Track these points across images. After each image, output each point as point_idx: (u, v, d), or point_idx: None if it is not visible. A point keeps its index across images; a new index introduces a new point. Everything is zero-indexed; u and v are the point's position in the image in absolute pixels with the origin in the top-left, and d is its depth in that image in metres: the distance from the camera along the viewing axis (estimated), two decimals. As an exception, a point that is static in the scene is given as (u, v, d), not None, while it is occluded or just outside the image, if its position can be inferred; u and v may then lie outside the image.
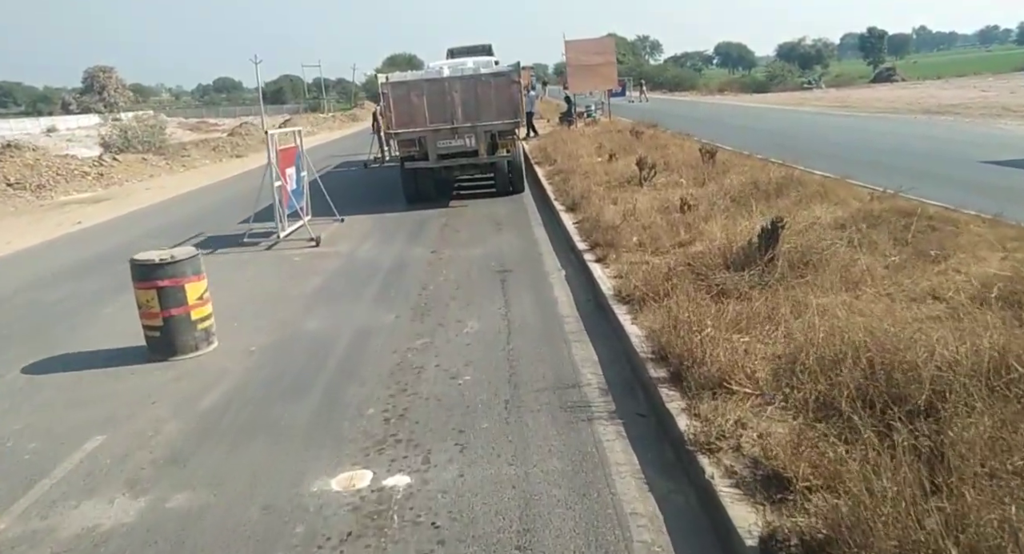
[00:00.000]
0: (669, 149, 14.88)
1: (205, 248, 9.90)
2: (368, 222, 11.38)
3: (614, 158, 13.29)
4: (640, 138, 16.59)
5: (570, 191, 10.90)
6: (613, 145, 15.82)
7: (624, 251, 7.12)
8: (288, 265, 8.74)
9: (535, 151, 17.76)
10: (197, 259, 5.68)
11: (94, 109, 78.32)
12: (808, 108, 30.81)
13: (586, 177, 11.90)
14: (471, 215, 11.28)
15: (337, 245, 9.70)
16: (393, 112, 11.66)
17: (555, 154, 15.73)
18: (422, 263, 8.36)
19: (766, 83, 65.56)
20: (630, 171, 11.74)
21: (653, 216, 8.21)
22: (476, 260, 8.28)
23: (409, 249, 9.21)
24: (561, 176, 12.77)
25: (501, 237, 9.49)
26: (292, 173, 10.50)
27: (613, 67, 22.74)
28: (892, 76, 60.49)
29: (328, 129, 43.26)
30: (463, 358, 5.24)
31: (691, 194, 9.22)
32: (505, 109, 11.73)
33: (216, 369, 5.40)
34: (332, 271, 8.25)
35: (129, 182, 19.48)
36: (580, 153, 15.12)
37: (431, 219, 11.15)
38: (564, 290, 6.81)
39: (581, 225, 8.80)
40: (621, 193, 10.19)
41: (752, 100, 45.94)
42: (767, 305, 4.77)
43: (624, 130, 19.45)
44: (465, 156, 12.03)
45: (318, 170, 19.59)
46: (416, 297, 6.92)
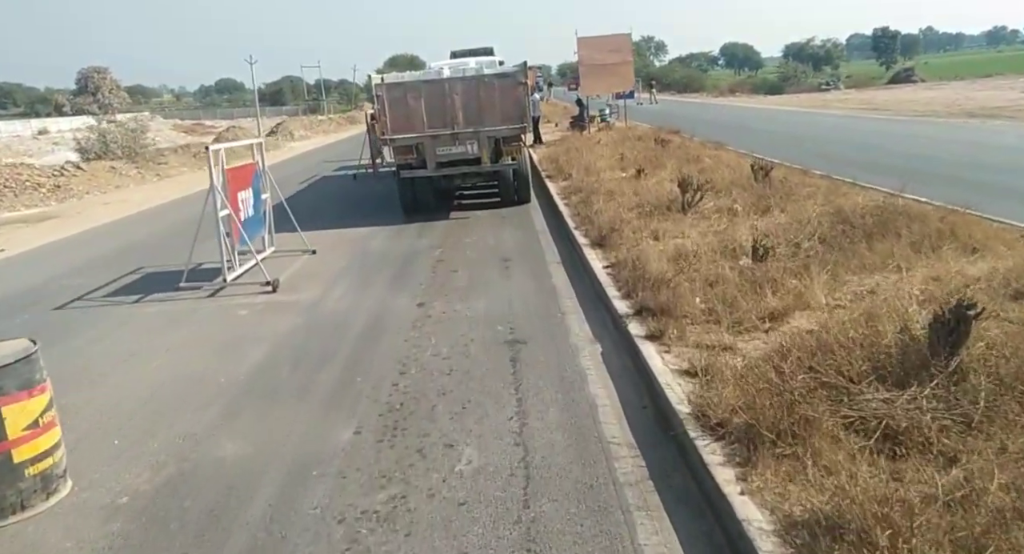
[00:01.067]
0: (704, 161, 12.76)
1: (133, 294, 7.82)
2: (346, 254, 9.27)
3: (643, 174, 11.14)
4: (667, 147, 14.46)
5: (594, 218, 8.77)
6: (637, 156, 13.72)
7: (687, 322, 4.99)
8: (228, 325, 6.61)
9: (545, 162, 15.64)
10: (31, 363, 3.56)
11: (87, 111, 76.31)
12: (835, 111, 28.64)
13: (611, 198, 9.78)
14: (472, 247, 9.15)
15: (299, 291, 7.58)
16: (388, 116, 10.59)
17: (569, 166, 13.61)
18: (404, 325, 6.24)
19: (779, 84, 63.32)
20: (666, 192, 9.64)
21: (717, 263, 6.08)
22: (477, 321, 6.16)
23: (390, 298, 7.10)
24: (580, 196, 10.64)
25: (509, 283, 7.35)
26: (247, 197, 8.39)
27: (630, 67, 20.60)
28: (911, 77, 58.22)
29: (323, 132, 41.16)
30: (449, 535, 3.14)
31: (756, 228, 7.09)
32: (510, 113, 10.64)
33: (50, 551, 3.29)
34: (281, 337, 6.13)
35: (91, 195, 17.42)
36: (599, 165, 13.01)
37: (422, 253, 9.02)
38: (604, 383, 4.68)
39: (616, 272, 6.66)
40: (661, 223, 8.06)
41: (769, 102, 43.71)
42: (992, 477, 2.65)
43: (645, 137, 17.33)
44: (466, 164, 10.98)
45: (301, 182, 17.67)
46: (389, 394, 4.79)
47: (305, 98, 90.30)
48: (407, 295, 7.16)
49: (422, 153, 10.84)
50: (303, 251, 9.37)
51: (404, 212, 11.53)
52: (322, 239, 10.19)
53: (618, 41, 20.07)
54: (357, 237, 10.32)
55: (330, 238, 10.32)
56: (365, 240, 10.09)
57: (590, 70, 19.87)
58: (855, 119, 23.98)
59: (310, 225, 11.20)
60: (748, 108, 36.69)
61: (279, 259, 9.10)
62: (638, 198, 9.70)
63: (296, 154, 26.97)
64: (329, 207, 13.31)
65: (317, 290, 7.59)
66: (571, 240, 8.65)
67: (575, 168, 13.23)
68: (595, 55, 19.82)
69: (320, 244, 9.79)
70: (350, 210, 12.74)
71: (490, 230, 10.12)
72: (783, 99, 46.64)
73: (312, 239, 9.87)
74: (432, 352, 5.51)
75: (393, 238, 10.15)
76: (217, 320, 6.76)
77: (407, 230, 10.60)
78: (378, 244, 9.78)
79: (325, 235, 10.50)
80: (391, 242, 9.86)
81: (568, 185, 12.05)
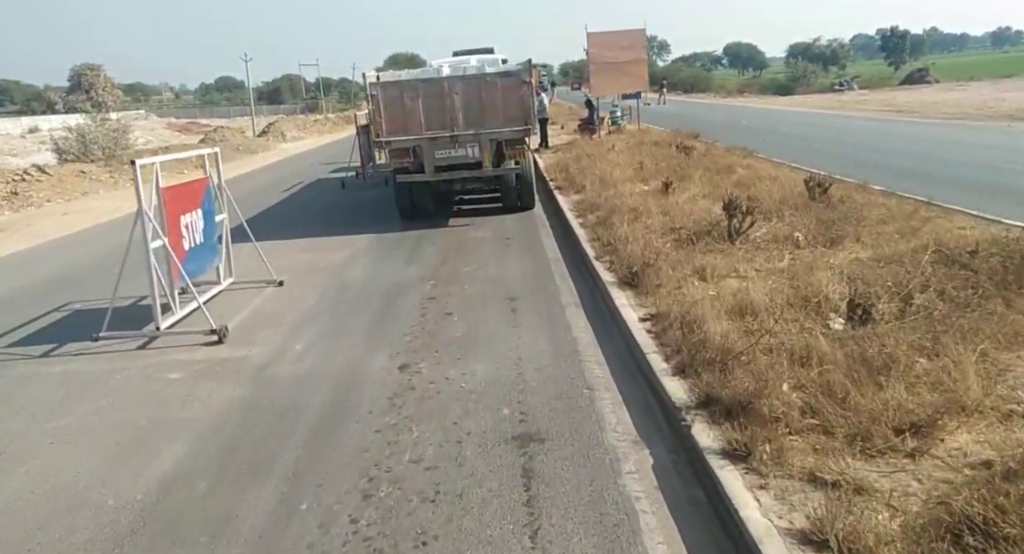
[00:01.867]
0: (736, 172, 11.20)
1: (44, 342, 6.26)
2: (318, 287, 7.69)
3: (671, 188, 9.56)
4: (690, 155, 12.87)
5: (618, 246, 7.20)
6: (658, 165, 12.14)
7: (782, 429, 3.40)
8: (146, 399, 5.02)
9: (553, 170, 14.06)
10: None
11: (80, 108, 74.75)
12: (858, 113, 27.05)
13: (636, 219, 8.22)
14: (471, 279, 7.56)
15: (251, 342, 6.00)
16: (383, 117, 9.98)
17: (581, 176, 12.03)
18: (379, 402, 4.67)
19: (788, 85, 61.68)
20: (702, 212, 8.10)
21: (798, 322, 4.50)
22: (476, 398, 4.59)
23: (365, 355, 5.52)
24: (597, 215, 9.07)
25: (517, 334, 5.77)
26: (194, 221, 6.81)
27: (643, 65, 19.03)
28: (924, 77, 56.61)
29: (318, 132, 39.51)
30: None
31: (835, 268, 5.52)
32: (514, 114, 10.01)
33: None
34: (211, 423, 4.53)
35: (52, 203, 15.86)
36: (616, 176, 11.43)
37: (411, 287, 7.42)
38: (669, 536, 3.09)
39: (658, 329, 5.07)
40: (705, 255, 6.48)
41: (781, 103, 42.08)
42: None
43: (662, 142, 15.74)
44: (467, 168, 10.33)
45: (284, 190, 16.06)
46: (343, 542, 3.22)
47: (303, 97, 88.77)
48: (386, 350, 5.59)
49: (419, 156, 10.19)
50: (268, 282, 7.80)
51: (401, 218, 10.86)
52: (294, 265, 8.64)
53: (631, 37, 18.50)
54: (336, 263, 8.74)
55: (304, 263, 8.75)
56: (344, 267, 8.51)
57: (601, 69, 18.29)
58: (884, 122, 22.36)
59: (283, 246, 9.70)
60: (763, 109, 35.00)
61: (238, 293, 7.54)
62: (669, 219, 8.14)
63: (285, 157, 25.40)
64: (308, 223, 11.73)
65: (274, 341, 6.01)
66: (591, 273, 7.07)
67: (588, 179, 11.65)
68: (606, 52, 18.25)
69: (291, 271, 8.23)
70: (332, 227, 11.15)
71: (492, 256, 8.54)
72: (795, 100, 45.02)
73: (283, 265, 8.32)
74: (412, 455, 3.93)
75: (377, 264, 8.58)
76: (135, 390, 5.17)
77: (395, 254, 9.03)
78: (359, 273, 8.20)
79: (299, 260, 8.95)
80: (375, 270, 8.29)
81: (582, 200, 10.46)
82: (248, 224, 8.21)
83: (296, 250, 9.61)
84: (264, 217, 12.52)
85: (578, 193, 11.21)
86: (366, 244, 9.74)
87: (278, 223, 11.82)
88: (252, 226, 11.59)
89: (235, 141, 27.17)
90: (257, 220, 12.18)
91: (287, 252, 9.49)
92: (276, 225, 11.59)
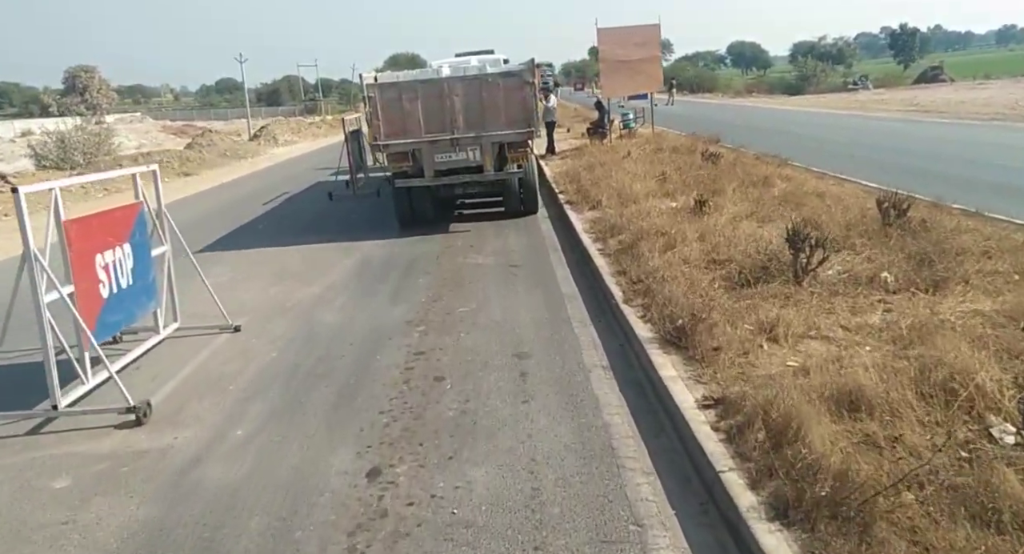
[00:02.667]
0: (774, 184, 9.76)
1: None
2: (281, 337, 6.23)
3: (707, 206, 8.10)
4: (718, 164, 11.41)
5: (651, 284, 5.76)
6: (684, 177, 10.70)
7: None
8: (8, 528, 3.60)
9: (563, 180, 12.62)
10: None
11: (75, 111, 73.46)
12: (882, 114, 25.54)
13: (670, 248, 6.78)
14: (469, 325, 6.10)
15: (180, 424, 4.57)
16: (381, 119, 9.64)
17: (595, 189, 10.59)
18: (335, 538, 3.25)
19: (798, 84, 60.12)
20: (745, 237, 6.70)
21: (950, 434, 3.06)
22: (474, 533, 3.17)
23: (326, 449, 4.09)
24: (619, 240, 7.63)
25: (529, 415, 4.31)
26: (119, 259, 5.38)
27: (658, 63, 17.58)
28: (938, 76, 55.00)
29: (312, 136, 37.99)
30: None
31: (951, 325, 4.08)
32: (516, 116, 9.67)
33: None
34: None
35: (5, 218, 14.41)
36: (636, 190, 9.98)
37: (393, 336, 5.97)
38: None
39: (732, 432, 3.57)
40: (770, 305, 5.03)
41: (794, 103, 40.51)
42: None
43: (682, 148, 14.28)
44: (468, 172, 10.02)
45: (266, 203, 14.17)
46: None
47: (302, 98, 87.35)
48: (353, 443, 4.16)
49: (419, 160, 9.82)
50: (222, 328, 6.37)
51: (400, 224, 10.51)
52: (259, 302, 7.23)
53: (645, 33, 17.03)
54: (308, 299, 7.30)
55: (270, 301, 7.33)
56: (317, 305, 7.08)
57: (612, 68, 16.83)
58: (915, 124, 20.82)
59: (250, 274, 8.32)
60: (779, 110, 33.40)
61: (182, 343, 6.12)
62: (709, 247, 6.69)
63: (275, 163, 23.96)
64: (284, 244, 10.29)
65: (210, 421, 4.57)
66: (620, 322, 5.62)
67: (604, 192, 10.22)
68: (618, 50, 16.78)
69: (253, 312, 6.83)
70: (311, 251, 9.72)
71: (495, 291, 7.09)
72: (808, 100, 43.44)
73: (245, 301, 6.99)
74: None
75: (357, 301, 7.14)
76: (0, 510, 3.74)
77: (379, 288, 7.58)
78: (333, 315, 6.75)
79: (265, 296, 7.53)
80: (353, 310, 6.85)
81: (599, 219, 9.01)
82: (218, 245, 6.80)
83: (265, 280, 8.19)
84: (236, 236, 11.11)
85: (593, 209, 9.77)
86: (347, 272, 8.32)
87: (250, 244, 10.40)
88: (221, 247, 10.29)
89: (223, 145, 25.73)
90: (228, 240, 10.78)
91: (254, 282, 8.09)
92: (247, 247, 10.18)
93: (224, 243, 10.52)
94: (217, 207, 14.54)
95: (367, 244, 9.69)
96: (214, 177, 20.42)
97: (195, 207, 14.61)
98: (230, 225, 12.03)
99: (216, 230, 11.62)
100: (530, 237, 9.46)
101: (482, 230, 10.04)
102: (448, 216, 11.19)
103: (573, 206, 10.30)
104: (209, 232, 11.55)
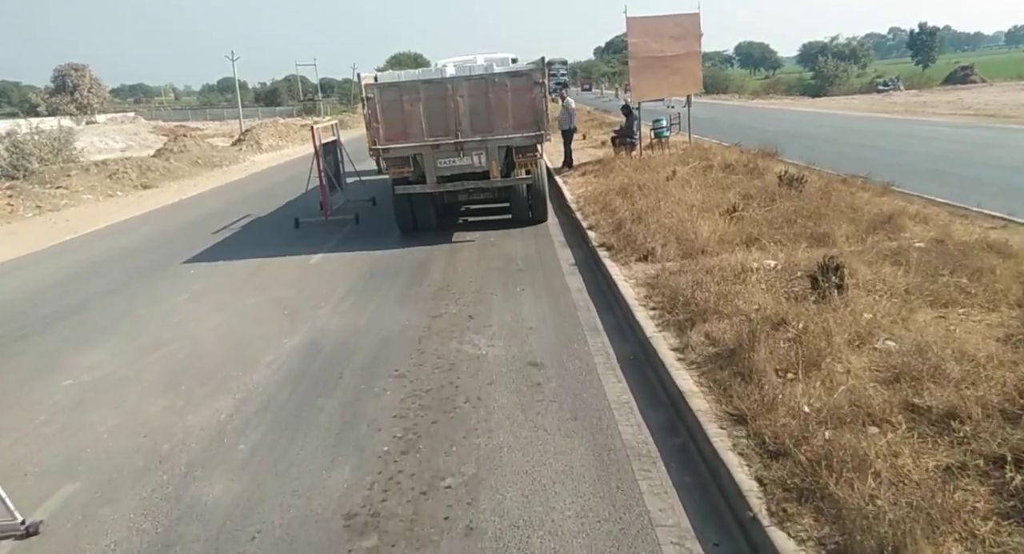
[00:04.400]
0: (905, 228, 6.88)
1: None
2: (114, 548, 3.39)
3: (837, 276, 5.18)
4: (801, 191, 8.51)
5: (818, 473, 2.90)
6: (764, 212, 7.82)
7: None
8: None
9: (590, 207, 9.79)
10: None
11: (64, 111, 70.81)
12: (938, 118, 22.56)
13: (812, 365, 3.90)
14: (464, 541, 3.29)
15: None
16: (381, 122, 9.09)
17: (641, 227, 7.73)
18: None
19: (819, 85, 57.05)
20: (938, 340, 3.74)
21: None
22: None
23: None
24: (705, 334, 4.74)
25: None
26: None
27: (698, 60, 14.69)
28: (969, 76, 51.97)
29: (301, 140, 34.70)
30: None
31: None
32: (525, 119, 9.08)
33: None
34: None
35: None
36: (700, 230, 7.11)
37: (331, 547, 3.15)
38: None
39: None
40: None
41: (826, 106, 37.38)
42: None
43: (737, 165, 11.40)
44: (473, 178, 9.48)
45: (216, 231, 10.97)
46: None
47: (300, 99, 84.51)
48: None
49: (421, 166, 9.34)
50: (6, 530, 3.51)
51: (402, 231, 10.13)
52: (109, 444, 4.43)
53: (683, 24, 14.15)
54: (194, 440, 4.45)
55: (131, 439, 4.50)
56: (207, 458, 4.23)
57: (644, 65, 13.92)
58: (993, 130, 17.82)
59: (124, 377, 5.47)
60: (812, 113, 30.25)
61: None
62: (880, 365, 3.83)
63: (250, 174, 21.01)
64: (205, 312, 7.42)
65: None
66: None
67: (654, 233, 7.36)
68: (651, 44, 13.90)
69: (88, 474, 4.04)
70: (239, 323, 6.88)
71: (512, 442, 4.24)
72: (838, 103, 40.35)
73: (85, 443, 4.16)
74: None
75: (277, 448, 4.28)
76: None
77: (317, 417, 4.72)
78: (229, 486, 3.90)
79: (131, 423, 4.70)
80: (265, 476, 3.99)
81: (657, 283, 6.12)
82: (107, 308, 4.17)
83: (148, 383, 5.38)
84: (144, 292, 8.26)
85: (644, 261, 6.90)
86: (281, 370, 5.47)
87: (155, 307, 7.57)
88: (111, 313, 7.46)
89: (197, 152, 22.89)
90: (126, 299, 7.82)
91: (127, 390, 5.30)
92: (148, 315, 7.34)
93: (117, 307, 7.69)
94: (151, 237, 11.71)
95: (323, 312, 6.86)
96: (176, 191, 17.60)
97: (121, 238, 11.79)
98: (149, 271, 9.23)
99: (122, 278, 8.85)
100: (554, 303, 6.60)
101: (486, 294, 7.18)
102: (451, 222, 10.41)
103: (612, 252, 7.41)
104: (111, 281, 8.78)
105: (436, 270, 8.16)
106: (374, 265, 8.59)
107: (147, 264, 9.64)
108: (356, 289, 7.59)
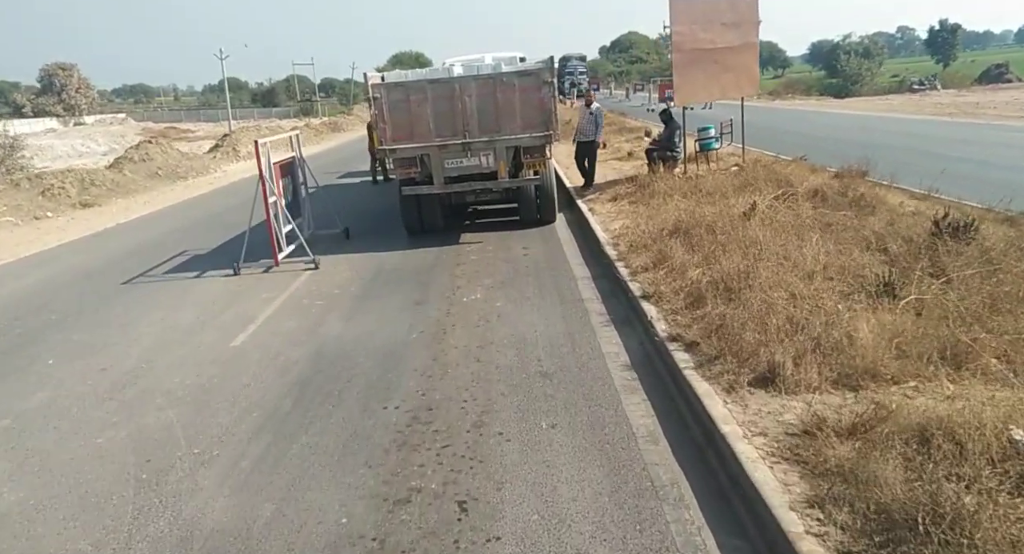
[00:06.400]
0: None
1: None
2: None
3: None
4: (961, 242, 5.61)
5: None
6: (922, 280, 4.89)
7: None
8: None
9: (631, 251, 6.91)
10: None
11: (51, 111, 68.09)
12: (1009, 122, 19.64)
13: None
14: None
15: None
16: (388, 122, 8.91)
17: (720, 294, 4.83)
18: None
19: (842, 85, 54.01)
20: None
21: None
22: None
23: None
24: None
25: None
26: None
27: (755, 53, 11.80)
28: (1004, 75, 48.99)
29: (286, 147, 32.15)
30: None
31: None
32: (533, 119, 8.94)
33: None
34: None
35: None
36: (835, 307, 4.20)
37: None
38: None
39: None
40: None
41: (863, 107, 34.23)
42: None
43: (829, 192, 8.48)
44: (480, 179, 9.31)
45: (124, 282, 7.97)
46: None
47: (298, 99, 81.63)
48: None
49: (428, 166, 9.13)
50: None
51: (408, 232, 10.00)
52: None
53: (739, 6, 11.28)
54: None
55: None
56: None
57: (690, 59, 10.99)
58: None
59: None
60: (857, 116, 26.83)
61: None
62: None
63: (217, 188, 18.04)
64: (37, 453, 4.57)
65: None
66: None
67: (761, 319, 4.46)
68: (699, 33, 11.00)
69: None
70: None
71: None
72: (873, 103, 37.22)
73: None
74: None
75: None
76: None
77: None
78: None
79: None
80: None
81: (817, 452, 3.24)
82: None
83: None
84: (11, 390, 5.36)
85: (766, 388, 4.00)
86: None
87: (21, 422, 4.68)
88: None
89: (160, 161, 20.01)
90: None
91: None
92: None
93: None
94: (36, 291, 8.74)
95: (210, 476, 3.99)
96: (118, 211, 14.72)
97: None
98: (15, 351, 6.36)
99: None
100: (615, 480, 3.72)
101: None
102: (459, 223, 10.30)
103: (699, 360, 4.48)
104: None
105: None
106: (317, 362, 5.65)
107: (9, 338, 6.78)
108: (283, 429, 4.70)
